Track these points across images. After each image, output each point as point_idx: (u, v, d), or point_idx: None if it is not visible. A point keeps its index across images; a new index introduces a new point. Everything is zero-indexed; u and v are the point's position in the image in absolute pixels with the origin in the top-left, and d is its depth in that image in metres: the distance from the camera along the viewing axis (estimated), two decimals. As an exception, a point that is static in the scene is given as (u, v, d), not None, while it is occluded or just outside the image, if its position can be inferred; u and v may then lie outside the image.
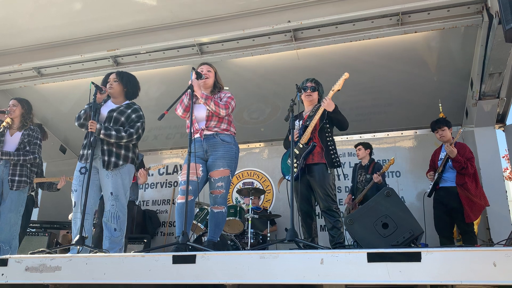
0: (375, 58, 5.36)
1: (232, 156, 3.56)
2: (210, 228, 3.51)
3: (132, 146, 3.65)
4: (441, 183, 4.85)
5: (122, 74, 3.75)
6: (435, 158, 5.07)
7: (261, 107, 6.64)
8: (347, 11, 4.58)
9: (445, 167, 4.84)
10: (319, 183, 3.76)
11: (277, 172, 7.09)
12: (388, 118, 6.60)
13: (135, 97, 3.83)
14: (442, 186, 4.84)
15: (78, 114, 3.58)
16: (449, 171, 4.81)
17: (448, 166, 4.81)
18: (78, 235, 3.08)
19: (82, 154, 3.55)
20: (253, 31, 4.90)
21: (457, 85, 5.65)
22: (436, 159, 5.02)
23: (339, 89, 3.79)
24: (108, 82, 3.69)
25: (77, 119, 3.58)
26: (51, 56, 5.60)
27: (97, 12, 4.98)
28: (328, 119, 3.90)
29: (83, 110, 3.56)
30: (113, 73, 3.78)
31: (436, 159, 5.02)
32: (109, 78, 3.72)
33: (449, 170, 4.80)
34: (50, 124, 6.98)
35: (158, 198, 7.75)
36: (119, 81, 3.70)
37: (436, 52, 5.26)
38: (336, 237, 3.68)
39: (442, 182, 4.84)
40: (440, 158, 4.95)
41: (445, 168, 4.84)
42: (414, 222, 3.01)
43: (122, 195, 3.48)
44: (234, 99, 3.67)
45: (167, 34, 5.18)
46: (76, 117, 3.60)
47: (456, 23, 4.48)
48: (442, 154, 4.97)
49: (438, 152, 5.09)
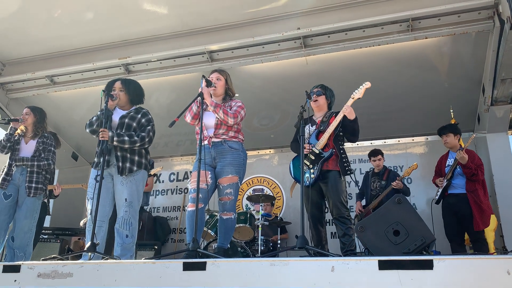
0: (385, 64, 5.34)
1: (240, 163, 3.57)
2: (220, 234, 3.51)
3: (145, 152, 3.66)
4: (450, 189, 4.80)
5: (127, 84, 3.73)
6: (441, 164, 5.03)
7: (271, 114, 6.64)
8: (356, 17, 4.59)
9: (454, 174, 4.79)
10: (332, 190, 3.74)
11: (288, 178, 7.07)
12: (399, 124, 6.56)
13: (140, 104, 3.83)
14: (451, 192, 4.78)
15: (90, 121, 3.58)
16: (458, 178, 4.77)
17: (457, 173, 4.76)
18: (90, 242, 3.10)
19: (96, 162, 3.57)
20: (263, 39, 4.92)
21: (468, 91, 5.60)
22: (443, 166, 4.98)
23: (359, 97, 3.76)
24: (114, 90, 3.67)
25: (88, 126, 3.58)
26: (64, 65, 5.69)
27: (108, 21, 5.06)
28: (342, 127, 3.87)
29: (95, 117, 3.56)
30: (117, 80, 3.75)
31: (442, 166, 4.98)
32: (114, 86, 3.69)
33: (458, 177, 4.76)
34: (62, 132, 7.06)
35: (169, 204, 7.77)
36: (125, 91, 3.70)
37: (447, 57, 5.22)
38: (347, 244, 3.65)
39: (451, 189, 4.79)
40: (448, 165, 4.91)
41: (453, 175, 4.79)
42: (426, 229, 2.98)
43: (136, 201, 3.49)
44: (244, 108, 3.66)
45: (177, 42, 5.23)
46: (87, 123, 3.59)
47: (467, 29, 4.46)
48: (449, 160, 4.93)
49: (444, 158, 5.05)
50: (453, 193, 4.77)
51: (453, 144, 4.85)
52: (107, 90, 3.66)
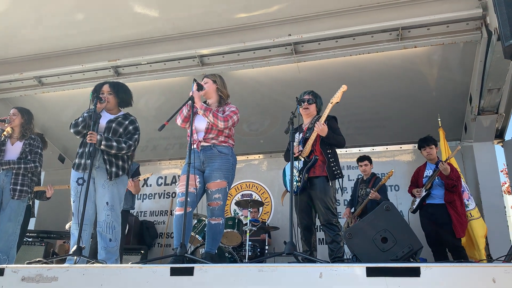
0: (375, 72, 5.40)
1: (229, 168, 3.56)
2: (208, 240, 3.49)
3: (127, 157, 3.67)
4: (428, 199, 4.90)
5: (116, 87, 3.72)
6: (418, 175, 5.15)
7: (260, 119, 6.66)
8: (347, 25, 4.63)
9: (432, 184, 4.90)
10: (320, 196, 3.75)
11: (276, 184, 7.09)
12: (387, 132, 6.62)
13: (128, 106, 3.82)
14: (429, 202, 4.89)
15: (76, 121, 3.54)
16: (437, 188, 4.89)
17: (436, 184, 4.89)
18: (76, 246, 3.06)
19: (77, 163, 3.53)
20: (254, 44, 4.94)
21: (456, 100, 5.68)
22: (420, 177, 5.10)
23: (337, 102, 3.79)
24: (102, 93, 3.65)
25: (73, 126, 3.54)
26: (52, 66, 5.64)
27: (98, 23, 5.03)
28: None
29: (81, 118, 3.53)
30: (105, 84, 3.74)
31: (420, 177, 5.10)
32: (103, 89, 3.67)
33: (437, 188, 4.89)
34: (49, 133, 6.98)
35: (156, 209, 7.71)
36: (114, 94, 3.69)
37: (436, 67, 5.30)
38: (335, 251, 3.66)
39: (430, 199, 4.90)
40: (426, 176, 5.02)
41: (432, 185, 4.90)
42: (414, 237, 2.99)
43: (118, 205, 3.47)
44: (237, 114, 3.64)
45: (168, 45, 5.22)
46: (72, 123, 3.55)
47: (455, 39, 4.53)
48: (427, 171, 5.05)
49: (422, 169, 5.15)
50: (431, 203, 4.88)
51: (435, 156, 5.00)
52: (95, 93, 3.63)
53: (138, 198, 7.80)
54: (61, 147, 7.54)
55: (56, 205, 6.86)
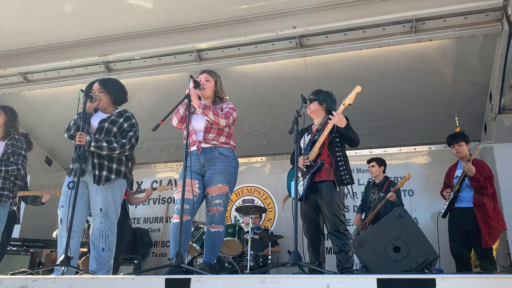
0: (386, 68, 5.39)
1: (231, 171, 3.56)
2: (206, 249, 3.50)
3: (125, 159, 3.64)
4: (457, 203, 4.82)
5: (106, 83, 3.72)
6: (450, 175, 5.05)
7: (263, 119, 6.66)
8: (357, 17, 4.62)
9: (462, 186, 4.81)
10: (326, 202, 3.73)
11: (280, 189, 7.09)
12: (400, 132, 6.61)
13: (124, 102, 3.82)
14: (458, 206, 4.81)
15: (68, 125, 3.58)
16: (466, 190, 4.79)
17: (465, 185, 4.78)
18: (63, 255, 3.07)
19: (71, 168, 3.54)
20: (256, 37, 4.93)
21: (474, 98, 5.67)
22: (451, 177, 5.00)
23: (350, 103, 3.79)
24: (93, 93, 3.64)
25: (66, 130, 3.58)
26: (39, 61, 5.64)
27: (88, 15, 5.03)
28: (339, 135, 3.89)
29: (73, 121, 3.56)
30: (95, 82, 3.73)
31: (451, 177, 5.01)
32: (93, 88, 3.68)
33: (466, 189, 4.78)
34: (35, 134, 7.00)
35: (150, 215, 7.73)
36: (104, 91, 3.68)
37: (452, 62, 5.29)
38: (343, 261, 3.65)
39: (458, 202, 4.82)
40: (456, 176, 4.93)
41: (461, 187, 4.81)
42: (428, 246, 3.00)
43: (113, 212, 3.46)
44: (236, 110, 3.67)
45: (163, 39, 5.22)
46: (65, 128, 3.59)
47: (473, 31, 4.51)
48: (458, 171, 4.95)
49: (453, 169, 5.07)
50: (459, 207, 4.79)
51: (466, 153, 4.84)
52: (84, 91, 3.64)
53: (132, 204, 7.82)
54: (48, 148, 7.56)
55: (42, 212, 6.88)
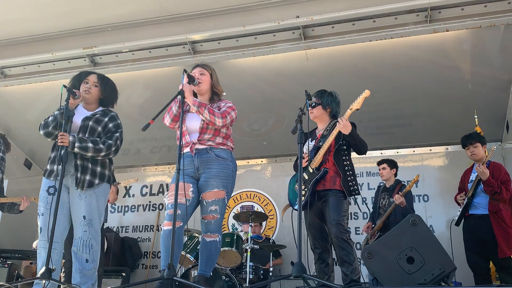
0: (399, 61, 5.40)
1: (228, 175, 3.56)
2: (201, 260, 3.49)
3: (109, 162, 3.65)
4: (471, 209, 4.81)
5: (105, 80, 3.72)
6: (464, 179, 5.03)
7: (263, 117, 6.66)
8: (366, 5, 4.63)
9: (476, 191, 4.80)
10: (332, 209, 3.75)
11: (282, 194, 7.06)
12: (414, 132, 6.61)
13: (110, 106, 3.81)
14: (472, 213, 4.80)
15: (46, 121, 3.55)
16: (480, 196, 4.76)
17: (480, 190, 4.76)
18: (44, 267, 3.06)
19: (49, 169, 3.53)
20: (256, 28, 4.94)
21: (495, 94, 5.68)
22: (466, 181, 4.99)
23: (358, 108, 3.80)
24: (86, 83, 3.64)
25: (43, 127, 3.55)
26: (17, 54, 5.64)
27: (72, 4, 5.04)
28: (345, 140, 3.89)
29: (52, 116, 3.53)
30: (92, 73, 3.73)
31: (466, 181, 4.99)
32: (88, 78, 3.66)
33: (481, 195, 4.76)
34: (13, 134, 7.00)
35: (140, 223, 7.72)
36: (99, 86, 3.67)
37: (471, 55, 5.29)
38: (348, 274, 3.63)
39: (473, 209, 4.80)
40: (471, 180, 4.91)
41: (476, 192, 4.80)
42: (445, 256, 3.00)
43: (97, 219, 3.46)
44: (235, 110, 3.65)
45: (154, 30, 5.23)
46: (42, 124, 3.56)
47: (494, 21, 4.52)
48: (473, 175, 4.92)
49: (468, 172, 5.05)
50: (474, 214, 4.78)
51: (482, 156, 4.80)
52: (75, 81, 3.63)
53: (119, 211, 7.82)
54: (28, 150, 7.55)
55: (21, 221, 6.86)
